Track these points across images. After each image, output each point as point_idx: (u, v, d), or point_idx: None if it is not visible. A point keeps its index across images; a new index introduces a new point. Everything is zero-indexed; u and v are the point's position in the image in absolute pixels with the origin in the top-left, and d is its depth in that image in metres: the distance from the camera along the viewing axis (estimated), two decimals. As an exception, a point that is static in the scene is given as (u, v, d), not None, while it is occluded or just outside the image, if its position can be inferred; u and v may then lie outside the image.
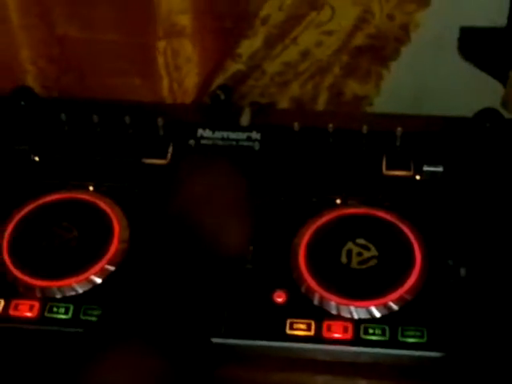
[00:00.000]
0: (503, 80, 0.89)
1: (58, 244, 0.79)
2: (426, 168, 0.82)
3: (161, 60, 0.96)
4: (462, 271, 0.75)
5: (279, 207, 0.81)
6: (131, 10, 0.91)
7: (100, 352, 0.61)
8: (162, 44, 0.94)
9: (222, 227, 0.72)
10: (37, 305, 0.75)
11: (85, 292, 0.76)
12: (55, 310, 0.75)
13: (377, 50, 0.93)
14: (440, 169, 0.82)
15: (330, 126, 0.86)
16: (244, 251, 0.75)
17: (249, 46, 0.94)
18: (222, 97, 0.94)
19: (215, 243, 0.71)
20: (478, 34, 0.89)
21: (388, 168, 0.84)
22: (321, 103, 1.00)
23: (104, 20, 0.92)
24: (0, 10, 0.94)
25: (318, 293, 0.74)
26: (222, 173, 0.76)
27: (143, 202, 0.82)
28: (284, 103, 1.00)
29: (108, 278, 0.77)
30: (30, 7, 0.94)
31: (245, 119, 0.91)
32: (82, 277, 0.77)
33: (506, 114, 0.88)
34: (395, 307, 0.73)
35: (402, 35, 0.91)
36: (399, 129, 0.85)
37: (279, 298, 0.74)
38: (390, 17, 0.90)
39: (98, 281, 0.77)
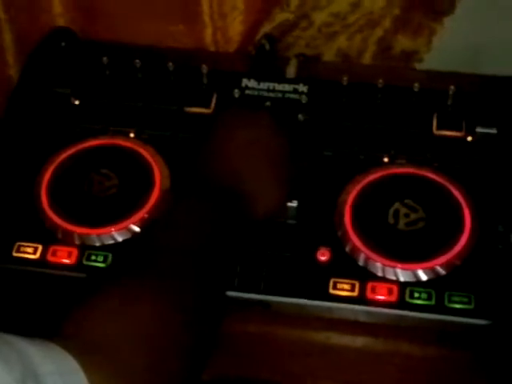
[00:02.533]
0: None
1: (97, 191, 0.77)
2: (478, 129, 0.79)
3: (205, 7, 0.93)
4: (513, 237, 0.73)
5: (325, 163, 0.79)
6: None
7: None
8: (207, -10, 0.91)
9: (259, 182, 0.70)
10: (75, 252, 0.74)
11: (124, 241, 0.74)
12: (93, 257, 0.74)
13: (431, 4, 0.90)
14: (494, 131, 0.79)
15: (380, 81, 0.83)
16: (280, 207, 0.73)
17: (298, -6, 0.91)
18: (267, 47, 0.91)
19: (251, 197, 0.69)
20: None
21: (439, 127, 0.81)
22: (367, 57, 0.97)
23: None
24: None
25: (364, 253, 0.72)
26: (264, 126, 0.74)
27: (185, 151, 0.80)
28: (330, 55, 0.97)
29: (146, 227, 0.75)
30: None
31: (291, 71, 0.88)
32: (121, 225, 0.75)
33: None
34: (443, 272, 0.71)
35: (459, -11, 0.87)
36: (452, 87, 0.82)
37: (323, 256, 0.72)
38: (447, -31, 0.87)
39: (137, 230, 0.75)
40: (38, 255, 0.74)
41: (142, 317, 0.57)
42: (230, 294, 0.70)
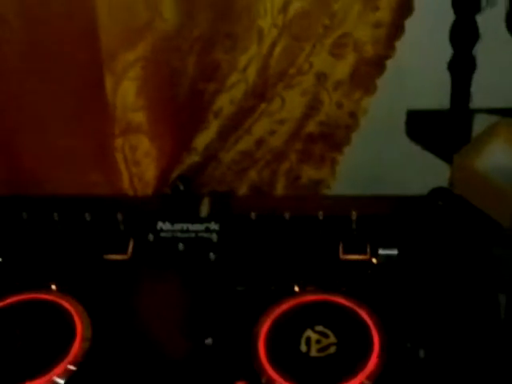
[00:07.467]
0: (450, 161, 0.91)
1: (20, 345, 0.79)
2: (381, 251, 0.84)
3: (119, 156, 0.98)
4: (421, 353, 0.76)
5: (238, 297, 0.82)
6: (86, 111, 0.94)
7: None
8: (119, 141, 0.96)
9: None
10: (0, 409, 0.76)
11: (48, 394, 0.76)
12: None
13: (328, 137, 0.96)
14: (395, 252, 0.84)
15: (287, 213, 0.88)
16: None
17: (203, 139, 0.97)
18: (182, 187, 0.96)
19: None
20: (424, 116, 0.92)
21: (345, 252, 0.85)
22: (279, 188, 1.02)
23: (61, 123, 0.94)
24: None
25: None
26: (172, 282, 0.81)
27: (105, 298, 0.83)
28: (243, 190, 1.02)
29: (70, 378, 0.77)
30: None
31: (204, 209, 0.93)
32: (44, 378, 0.77)
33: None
34: (353, 394, 0.73)
35: (352, 122, 0.94)
36: (354, 213, 0.87)
37: (240, 390, 0.75)
38: (339, 105, 0.93)
39: (61, 382, 0.77)
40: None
41: None
42: None
